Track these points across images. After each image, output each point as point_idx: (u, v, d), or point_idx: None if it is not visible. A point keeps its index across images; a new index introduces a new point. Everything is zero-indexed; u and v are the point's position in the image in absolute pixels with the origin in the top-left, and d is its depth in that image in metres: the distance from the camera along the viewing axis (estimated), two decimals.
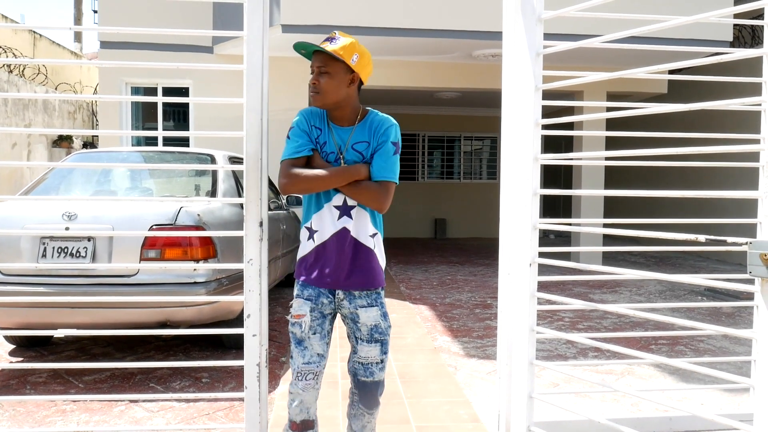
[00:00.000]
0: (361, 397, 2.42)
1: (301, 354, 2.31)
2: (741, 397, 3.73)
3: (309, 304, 2.32)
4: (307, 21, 7.06)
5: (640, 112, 2.12)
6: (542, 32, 2.29)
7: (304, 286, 2.35)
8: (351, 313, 2.36)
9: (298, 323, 2.32)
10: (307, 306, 2.32)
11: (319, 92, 2.26)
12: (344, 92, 2.27)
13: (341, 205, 2.31)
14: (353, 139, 2.31)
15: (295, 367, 2.32)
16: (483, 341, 4.98)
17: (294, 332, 2.33)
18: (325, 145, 2.32)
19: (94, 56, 19.15)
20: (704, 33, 7.52)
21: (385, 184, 2.28)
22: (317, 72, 2.26)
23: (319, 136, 2.32)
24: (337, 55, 2.21)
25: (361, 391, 2.41)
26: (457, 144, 14.52)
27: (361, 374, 2.38)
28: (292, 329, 2.34)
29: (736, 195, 1.95)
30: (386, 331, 2.39)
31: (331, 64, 2.23)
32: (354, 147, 2.31)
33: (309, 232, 2.35)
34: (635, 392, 2.20)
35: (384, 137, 2.29)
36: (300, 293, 2.35)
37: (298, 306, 2.34)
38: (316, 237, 2.32)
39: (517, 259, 2.36)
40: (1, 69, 11.46)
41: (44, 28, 2.33)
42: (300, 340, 2.32)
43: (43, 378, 4.00)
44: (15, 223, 3.85)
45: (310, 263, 2.34)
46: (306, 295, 2.34)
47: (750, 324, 5.62)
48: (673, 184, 11.56)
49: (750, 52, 2.04)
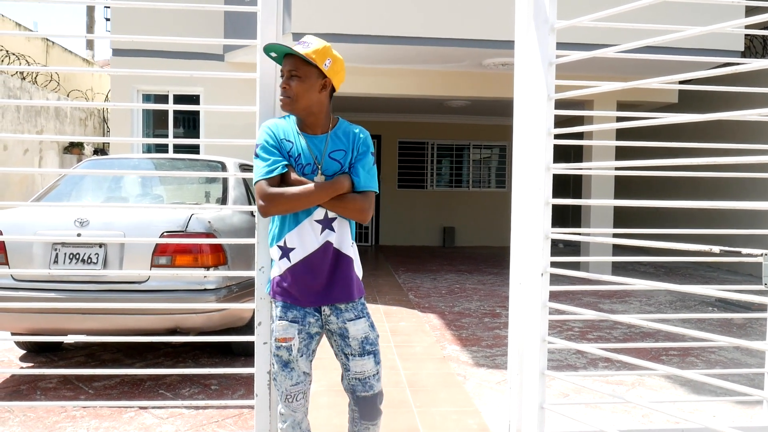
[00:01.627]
0: (363, 413, 2.32)
1: (288, 376, 2.24)
2: (754, 409, 3.69)
3: (296, 326, 2.23)
4: (318, 29, 7.09)
5: (654, 122, 2.11)
6: (555, 42, 2.29)
7: (287, 308, 2.24)
8: (340, 329, 2.26)
9: (285, 347, 2.23)
10: (293, 328, 2.23)
11: (290, 97, 2.19)
12: (315, 98, 2.20)
13: (323, 219, 2.23)
14: (329, 147, 2.23)
15: (283, 389, 2.26)
16: (492, 350, 4.96)
17: (280, 356, 2.24)
18: (299, 157, 2.21)
19: (106, 64, 19.31)
20: (716, 43, 7.50)
21: (369, 195, 2.23)
22: (287, 75, 2.19)
23: (291, 148, 2.22)
24: (309, 59, 2.15)
25: (362, 407, 2.31)
26: (466, 152, 14.51)
27: (360, 390, 2.28)
28: (278, 353, 2.24)
29: (749, 206, 1.94)
30: (376, 341, 2.31)
31: (302, 67, 2.17)
32: (331, 156, 2.23)
33: (282, 250, 2.23)
34: (646, 403, 2.19)
35: (365, 147, 2.26)
36: (283, 315, 2.24)
37: (283, 329, 2.23)
38: (292, 255, 2.21)
39: (529, 268, 2.35)
40: (15, 76, 11.57)
41: (57, 36, 2.35)
42: (286, 363, 2.24)
43: (53, 384, 4.02)
44: (27, 229, 3.88)
45: (289, 283, 2.23)
46: (291, 317, 2.23)
47: (762, 336, 5.57)
48: (684, 194, 11.50)
49: (763, 62, 2.03)
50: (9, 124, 10.78)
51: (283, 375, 2.25)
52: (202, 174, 3.89)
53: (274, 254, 2.26)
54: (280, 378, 2.26)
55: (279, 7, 2.43)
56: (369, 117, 13.48)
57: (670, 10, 7.42)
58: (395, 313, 6.34)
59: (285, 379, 2.25)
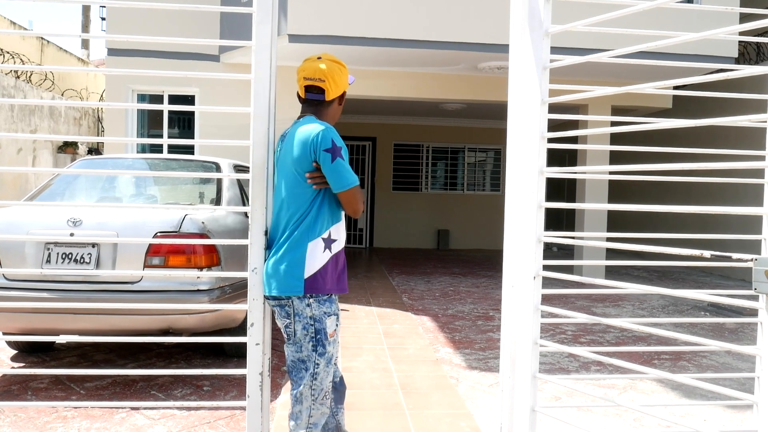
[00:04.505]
0: (340, 398, 2.52)
1: (329, 372, 2.31)
2: (744, 414, 3.71)
3: (339, 317, 2.36)
4: (314, 31, 7.10)
5: (648, 127, 2.12)
6: (549, 46, 2.30)
7: (333, 300, 2.32)
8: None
9: (336, 341, 2.32)
10: (338, 320, 2.35)
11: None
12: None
13: (345, 214, 2.42)
14: None
15: (324, 386, 2.30)
16: (485, 353, 4.96)
17: (332, 353, 2.31)
18: None
19: (101, 63, 19.26)
20: (709, 49, 7.54)
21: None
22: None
23: None
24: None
25: (342, 391, 2.53)
26: (461, 155, 14.54)
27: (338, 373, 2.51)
28: (331, 349, 2.30)
29: (741, 211, 1.95)
30: None
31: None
32: None
33: (325, 243, 2.29)
34: (638, 407, 2.20)
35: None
36: (337, 310, 2.33)
37: (333, 324, 2.31)
38: (333, 247, 2.30)
39: (522, 271, 2.36)
40: (9, 75, 11.53)
41: (52, 35, 2.34)
42: (330, 358, 2.31)
43: (44, 384, 4.00)
44: (20, 229, 3.87)
45: (338, 273, 2.33)
46: (338, 309, 2.34)
47: (753, 340, 5.59)
48: (677, 198, 11.55)
49: (756, 69, 2.05)
50: (3, 123, 10.74)
51: (326, 371, 2.29)
52: (196, 174, 3.89)
53: (317, 247, 2.28)
54: (323, 374, 2.29)
55: (274, 8, 2.42)
56: (364, 119, 13.49)
57: (664, 16, 7.46)
58: (389, 315, 6.34)
59: (327, 375, 2.30)
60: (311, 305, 2.26)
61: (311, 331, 2.26)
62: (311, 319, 2.26)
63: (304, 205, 2.28)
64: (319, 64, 2.34)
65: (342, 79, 2.39)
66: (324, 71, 2.33)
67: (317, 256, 2.27)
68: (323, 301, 2.28)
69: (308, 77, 2.35)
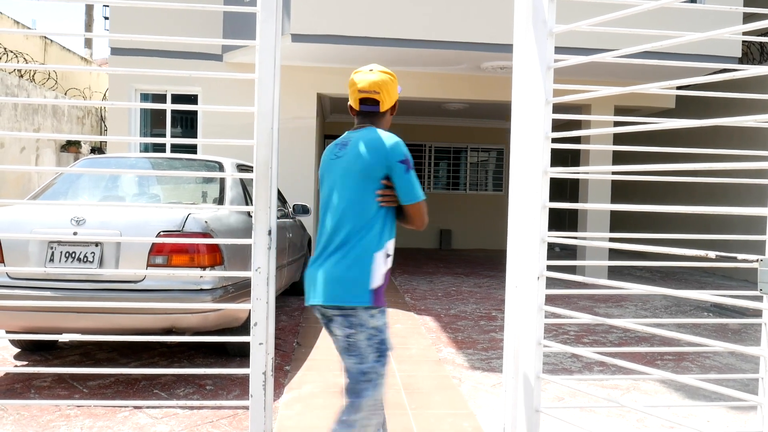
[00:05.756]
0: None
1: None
2: (748, 415, 3.70)
3: None
4: (317, 31, 7.10)
5: (651, 127, 2.12)
6: (553, 46, 2.29)
7: (386, 311, 2.34)
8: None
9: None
10: None
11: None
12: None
13: None
14: None
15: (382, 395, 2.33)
16: (488, 353, 4.96)
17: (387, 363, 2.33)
18: None
19: (104, 62, 19.29)
20: (713, 49, 7.53)
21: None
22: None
23: None
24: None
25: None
26: (464, 155, 14.53)
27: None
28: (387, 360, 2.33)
29: (744, 211, 1.94)
30: None
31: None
32: None
33: (387, 257, 2.30)
34: (641, 408, 2.19)
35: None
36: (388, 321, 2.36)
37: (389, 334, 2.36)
38: (388, 261, 2.31)
39: (525, 272, 2.36)
40: (12, 74, 11.54)
41: (56, 34, 2.34)
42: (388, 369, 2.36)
43: (47, 382, 4.00)
44: (23, 228, 3.87)
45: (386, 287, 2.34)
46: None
47: (757, 341, 5.59)
48: (680, 198, 11.53)
49: (760, 69, 2.04)
50: (6, 122, 10.76)
51: (385, 381, 2.33)
52: (200, 174, 3.90)
53: (381, 259, 2.27)
54: (383, 385, 2.32)
55: (278, 7, 2.42)
56: None
57: (667, 16, 7.45)
58: (391, 315, 6.34)
59: (385, 385, 2.32)
60: (375, 316, 2.25)
61: (375, 341, 2.25)
62: (375, 329, 2.25)
63: (370, 214, 2.25)
64: (373, 76, 2.35)
65: (394, 90, 2.41)
66: (378, 83, 2.34)
67: (382, 267, 2.26)
68: (383, 312, 2.30)
69: (363, 90, 2.34)
